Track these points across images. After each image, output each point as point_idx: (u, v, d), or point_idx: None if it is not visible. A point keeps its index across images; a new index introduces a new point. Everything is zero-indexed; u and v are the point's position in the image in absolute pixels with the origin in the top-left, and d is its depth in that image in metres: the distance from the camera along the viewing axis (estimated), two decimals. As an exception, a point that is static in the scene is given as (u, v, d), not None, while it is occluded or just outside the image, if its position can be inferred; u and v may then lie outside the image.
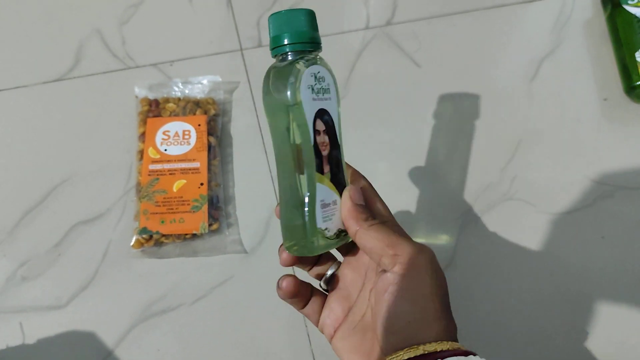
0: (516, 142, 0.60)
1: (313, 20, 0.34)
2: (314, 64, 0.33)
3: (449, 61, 0.64)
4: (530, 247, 0.55)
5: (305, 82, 0.32)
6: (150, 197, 0.53)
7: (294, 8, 0.39)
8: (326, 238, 0.34)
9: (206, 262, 0.53)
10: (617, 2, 0.63)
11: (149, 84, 0.59)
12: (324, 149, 0.34)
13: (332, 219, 0.34)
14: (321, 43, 0.34)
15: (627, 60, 0.61)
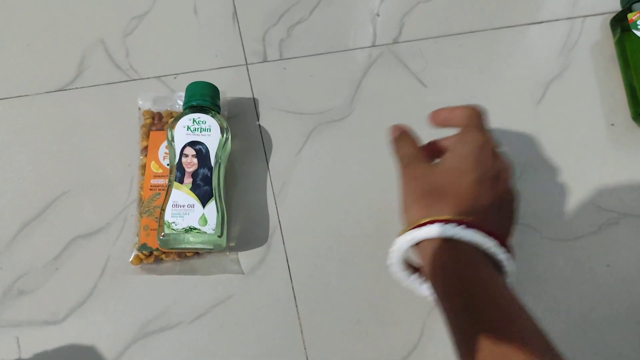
0: (522, 165, 0.59)
1: (207, 90, 0.55)
2: (196, 112, 0.53)
3: (455, 82, 0.64)
4: (535, 272, 0.54)
5: (181, 123, 0.52)
6: (151, 213, 0.52)
7: (202, 81, 0.56)
8: (173, 229, 0.48)
9: (205, 280, 0.52)
10: (627, 26, 0.63)
11: (153, 97, 0.58)
12: (189, 167, 0.51)
13: (183, 217, 0.49)
14: (210, 105, 0.54)
15: (635, 85, 0.60)
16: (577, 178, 0.59)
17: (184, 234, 0.49)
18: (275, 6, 0.67)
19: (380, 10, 0.68)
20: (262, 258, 0.54)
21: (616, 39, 0.65)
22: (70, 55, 0.63)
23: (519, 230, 0.56)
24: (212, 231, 0.49)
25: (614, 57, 0.65)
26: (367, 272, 0.54)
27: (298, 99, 0.62)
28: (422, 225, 0.39)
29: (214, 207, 0.50)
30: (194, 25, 0.65)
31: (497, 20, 0.68)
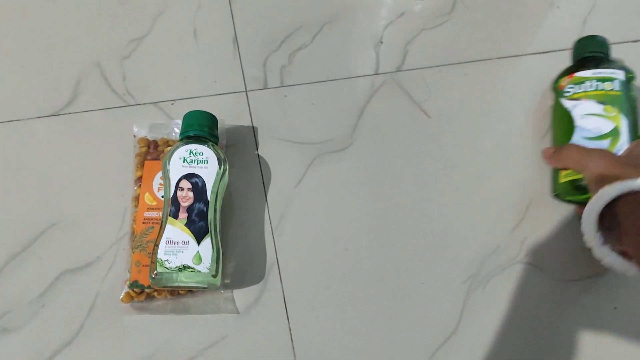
0: (527, 202, 0.57)
1: (205, 120, 0.53)
2: (193, 143, 0.51)
3: (459, 112, 0.62)
4: (540, 315, 0.52)
5: (177, 155, 0.50)
6: (143, 248, 0.50)
7: (200, 110, 0.54)
8: (166, 268, 0.46)
9: (198, 320, 0.50)
10: (557, 92, 0.59)
11: (149, 124, 0.57)
12: (185, 201, 0.48)
13: (177, 255, 0.46)
14: (207, 135, 0.52)
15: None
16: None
17: (177, 273, 0.47)
18: (277, 31, 0.65)
19: (383, 37, 0.67)
20: (258, 296, 0.52)
21: (553, 103, 0.60)
22: (65, 78, 0.61)
23: (524, 270, 0.54)
24: (207, 270, 0.47)
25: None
26: (369, 313, 0.52)
27: (298, 128, 0.60)
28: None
29: (209, 244, 0.48)
30: (193, 50, 0.64)
31: (503, 49, 0.67)
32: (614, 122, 0.52)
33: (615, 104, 0.53)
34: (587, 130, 0.53)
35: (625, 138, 0.52)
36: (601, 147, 0.51)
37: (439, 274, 0.54)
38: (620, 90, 0.54)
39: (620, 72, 0.55)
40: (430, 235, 0.55)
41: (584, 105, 0.54)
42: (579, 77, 0.55)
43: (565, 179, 0.53)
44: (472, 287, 0.53)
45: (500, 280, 0.54)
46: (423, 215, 0.56)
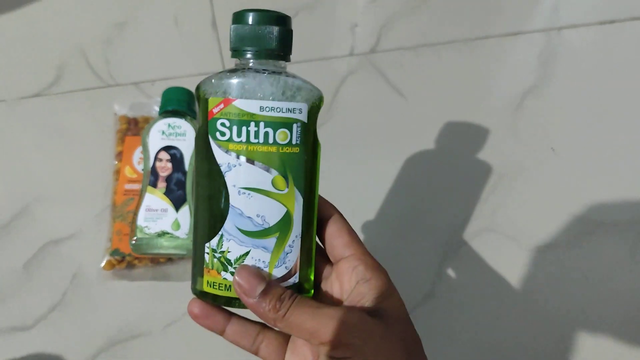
0: (499, 174, 0.59)
1: (183, 96, 0.55)
2: (172, 117, 0.53)
3: (433, 92, 0.64)
4: (511, 281, 0.54)
5: (156, 128, 0.52)
6: (124, 217, 0.51)
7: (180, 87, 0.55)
8: (145, 234, 0.48)
9: (178, 287, 0.52)
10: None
11: (130, 103, 0.58)
12: (164, 171, 0.50)
13: (156, 221, 0.49)
14: (185, 110, 0.54)
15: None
16: (553, 187, 0.59)
17: (156, 239, 0.48)
18: (255, 15, 0.67)
19: (358, 21, 0.69)
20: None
21: (195, 138, 0.35)
22: (48, 61, 0.63)
23: (496, 238, 0.56)
24: (185, 235, 0.49)
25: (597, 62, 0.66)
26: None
27: (276, 107, 0.62)
28: None
29: (188, 211, 0.50)
30: (173, 33, 0.66)
31: (476, 31, 0.69)
32: (286, 205, 0.32)
33: (291, 171, 0.32)
34: (247, 218, 0.31)
35: (297, 230, 0.32)
36: (265, 248, 0.31)
37: (415, 241, 0.55)
38: (298, 145, 0.32)
39: (302, 105, 0.31)
40: (405, 206, 0.57)
41: (243, 170, 0.31)
42: (241, 109, 0.30)
43: (211, 290, 0.32)
44: (446, 254, 0.55)
45: (472, 247, 0.55)
46: (398, 190, 0.58)
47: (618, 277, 0.55)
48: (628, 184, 0.59)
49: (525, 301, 0.53)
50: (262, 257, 0.32)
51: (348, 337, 0.28)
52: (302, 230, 0.33)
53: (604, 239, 0.56)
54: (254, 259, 0.31)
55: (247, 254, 0.32)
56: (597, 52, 0.68)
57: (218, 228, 0.32)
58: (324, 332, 0.28)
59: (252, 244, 0.32)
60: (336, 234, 0.33)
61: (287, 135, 0.31)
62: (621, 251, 0.56)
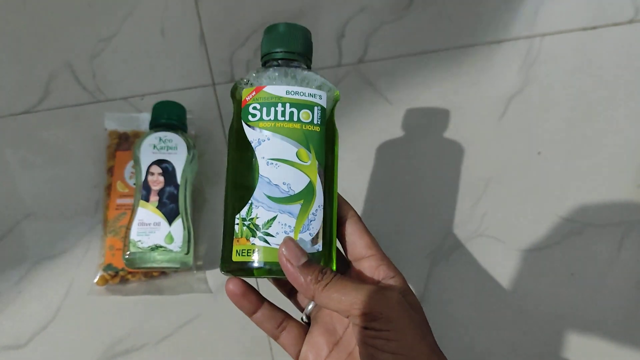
0: (486, 179, 0.60)
1: (174, 109, 0.55)
2: (163, 131, 0.53)
3: (421, 99, 0.65)
4: (501, 284, 0.55)
5: (147, 142, 0.52)
6: (116, 232, 0.52)
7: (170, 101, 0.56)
8: (139, 248, 0.47)
9: (172, 301, 0.52)
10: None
11: (119, 117, 0.58)
12: (155, 185, 0.50)
13: (149, 235, 0.48)
14: (176, 123, 0.55)
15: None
16: (540, 190, 0.60)
17: (149, 253, 0.48)
18: (242, 28, 0.68)
19: (345, 31, 0.70)
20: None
21: (231, 126, 0.39)
22: (36, 77, 0.63)
23: (485, 242, 0.57)
24: (179, 249, 0.49)
25: (577, 69, 0.67)
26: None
27: (265, 118, 0.62)
28: None
29: (181, 224, 0.50)
30: (161, 47, 0.66)
31: (459, 40, 0.70)
32: (309, 175, 0.36)
33: (313, 146, 0.36)
34: (274, 186, 0.35)
35: (320, 201, 0.36)
36: (290, 213, 0.35)
37: (405, 247, 0.56)
38: (319, 125, 0.37)
39: (322, 93, 0.38)
40: (395, 213, 0.58)
41: (271, 143, 0.36)
42: (270, 93, 0.36)
43: (240, 258, 0.35)
44: (436, 260, 0.56)
45: (462, 252, 0.56)
46: (387, 196, 0.59)
47: (606, 276, 0.56)
48: (613, 185, 0.61)
49: (516, 303, 0.54)
50: (288, 222, 0.35)
51: (387, 310, 0.30)
52: (324, 202, 0.36)
53: (592, 239, 0.58)
54: (280, 223, 0.35)
55: (274, 219, 0.35)
56: (580, 58, 0.69)
57: (248, 198, 0.35)
58: (364, 304, 0.30)
59: (279, 209, 0.35)
60: (357, 233, 0.37)
61: (309, 115, 0.37)
62: (608, 251, 0.57)
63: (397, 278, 0.35)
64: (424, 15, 0.72)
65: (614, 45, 0.70)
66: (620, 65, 0.69)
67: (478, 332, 0.52)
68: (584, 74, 0.68)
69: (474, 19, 0.73)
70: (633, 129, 0.64)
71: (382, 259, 0.36)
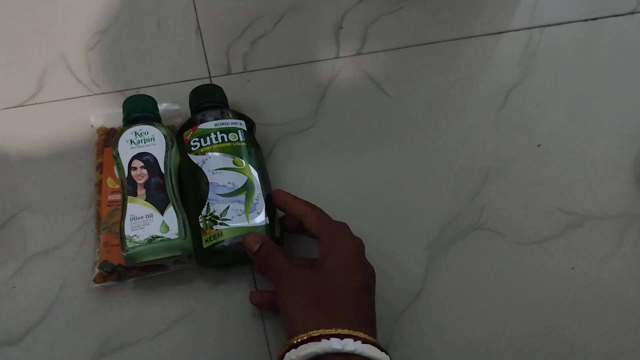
0: (485, 171, 0.60)
1: (144, 102, 0.55)
2: (137, 125, 0.52)
3: (419, 91, 0.65)
4: (500, 277, 0.54)
5: (123, 138, 0.52)
6: (110, 229, 0.51)
7: (142, 94, 0.56)
8: (135, 242, 0.47)
9: (167, 295, 0.51)
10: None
11: (105, 113, 0.57)
12: (140, 178, 0.50)
13: (144, 228, 0.48)
14: (149, 115, 0.54)
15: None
16: (540, 182, 0.59)
17: (147, 245, 0.47)
18: (239, 20, 0.67)
19: (343, 23, 0.69)
20: (227, 271, 0.53)
21: (180, 160, 0.54)
22: (30, 71, 0.62)
23: (484, 235, 0.56)
24: (176, 235, 0.48)
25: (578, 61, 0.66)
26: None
27: (262, 111, 0.62)
28: (316, 338, 0.38)
29: (173, 212, 0.49)
30: (157, 40, 0.65)
31: (458, 31, 0.69)
32: (246, 174, 0.51)
33: (243, 155, 0.51)
34: (222, 186, 0.50)
35: (259, 190, 0.50)
36: (239, 202, 0.49)
37: (402, 242, 0.55)
38: (244, 141, 0.52)
39: (241, 121, 0.54)
40: (392, 206, 0.57)
41: (213, 159, 0.51)
42: (202, 129, 0.52)
43: (208, 244, 0.48)
44: (435, 253, 0.55)
45: (461, 246, 0.55)
46: (385, 188, 0.58)
47: (605, 269, 0.55)
48: (614, 178, 0.60)
49: (515, 297, 0.53)
50: (238, 207, 0.49)
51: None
52: (262, 192, 0.50)
53: (592, 232, 0.57)
54: (233, 209, 0.49)
55: (227, 208, 0.49)
56: (580, 49, 0.69)
57: (204, 200, 0.49)
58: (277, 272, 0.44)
59: (230, 201, 0.49)
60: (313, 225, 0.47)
61: (235, 136, 0.52)
62: (608, 243, 0.56)
63: (320, 246, 0.46)
64: (424, 6, 0.71)
65: (615, 36, 0.69)
66: (621, 57, 0.68)
67: (477, 327, 0.52)
68: (584, 65, 0.67)
69: (474, 10, 0.72)
70: (634, 122, 0.64)
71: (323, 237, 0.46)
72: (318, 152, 0.60)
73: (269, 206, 0.50)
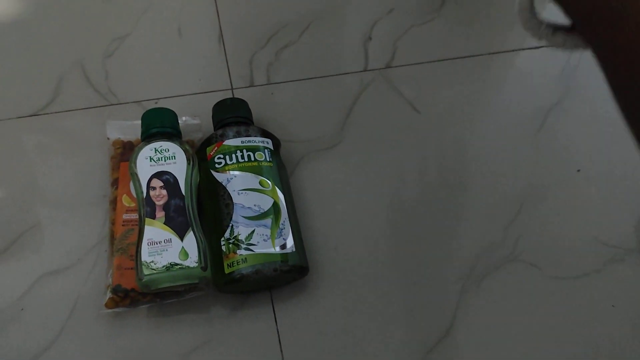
0: (521, 198, 0.56)
1: (166, 116, 0.52)
2: (157, 141, 0.49)
3: (450, 108, 0.61)
4: (536, 314, 0.51)
5: (142, 155, 0.48)
6: (124, 251, 0.48)
7: (161, 107, 0.53)
8: (152, 269, 0.44)
9: (184, 322, 0.48)
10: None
11: (122, 125, 0.55)
12: (159, 199, 0.47)
13: (162, 254, 0.44)
14: (170, 131, 0.51)
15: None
16: (580, 211, 0.56)
17: (165, 273, 0.45)
18: (264, 28, 0.64)
19: (372, 33, 0.66)
20: (245, 297, 0.50)
21: (202, 176, 0.51)
22: (46, 77, 0.60)
23: (520, 268, 0.53)
24: (195, 264, 0.45)
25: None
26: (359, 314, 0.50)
27: (286, 126, 0.59)
28: None
29: (193, 237, 0.46)
30: (177, 48, 0.63)
31: (493, 45, 0.66)
32: (272, 197, 0.48)
33: (270, 176, 0.49)
34: (247, 208, 0.47)
35: (285, 215, 0.48)
36: (265, 226, 0.46)
37: (431, 272, 0.52)
38: (271, 161, 0.50)
39: (268, 140, 0.51)
40: (422, 233, 0.54)
41: (238, 178, 0.48)
42: (228, 146, 0.49)
43: (231, 269, 0.45)
44: (466, 286, 0.52)
45: (494, 278, 0.52)
46: (414, 213, 0.55)
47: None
48: (660, 209, 0.56)
49: (551, 335, 0.50)
50: (264, 232, 0.46)
51: None
52: (289, 216, 0.48)
53: (635, 267, 0.53)
54: (258, 234, 0.46)
55: (253, 232, 0.46)
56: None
57: (227, 222, 0.46)
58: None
59: (255, 224, 0.46)
60: None
61: (262, 155, 0.50)
62: (654, 282, 0.53)
63: None
64: (457, 18, 0.68)
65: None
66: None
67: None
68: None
69: (510, 21, 0.69)
70: (682, 148, 0.60)
71: None
72: (343, 172, 0.57)
73: (295, 231, 0.48)
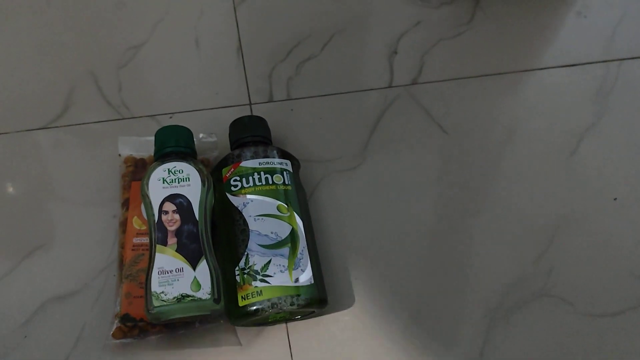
0: (553, 228, 0.53)
1: (181, 135, 0.49)
2: (170, 161, 0.46)
3: (479, 128, 0.58)
4: (568, 353, 0.48)
5: (155, 176, 0.45)
6: (134, 278, 0.46)
7: (176, 125, 0.50)
8: (163, 301, 0.41)
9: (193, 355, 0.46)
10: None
11: (134, 141, 0.52)
12: (171, 225, 0.44)
13: (173, 284, 0.42)
14: (185, 150, 0.48)
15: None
16: (616, 243, 0.52)
17: (176, 305, 0.42)
18: (284, 40, 0.61)
19: (398, 47, 0.62)
20: (260, 329, 0.47)
21: (217, 198, 0.48)
22: (56, 88, 0.57)
23: (551, 303, 0.49)
24: (208, 296, 0.42)
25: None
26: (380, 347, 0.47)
27: (306, 144, 0.56)
28: None
29: (206, 266, 0.43)
30: (194, 59, 0.60)
31: (525, 62, 0.62)
32: (291, 223, 0.45)
33: (288, 200, 0.46)
34: (264, 236, 0.44)
35: (303, 243, 0.44)
36: (282, 256, 0.43)
37: (457, 306, 0.49)
38: (289, 184, 0.47)
39: (287, 161, 0.48)
40: (448, 264, 0.51)
41: (255, 203, 0.45)
42: (245, 167, 0.46)
43: (245, 302, 0.42)
44: (494, 321, 0.49)
45: (524, 314, 0.49)
46: (439, 241, 0.52)
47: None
48: (703, 244, 0.53)
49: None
50: (281, 262, 0.43)
51: None
52: (307, 244, 0.45)
53: (675, 306, 0.50)
54: (275, 265, 0.43)
55: (269, 262, 0.43)
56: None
57: (242, 250, 0.43)
58: None
59: (272, 254, 0.43)
60: None
61: (280, 178, 0.47)
62: (699, 325, 0.49)
63: None
64: (487, 32, 0.64)
65: None
66: None
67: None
68: (669, 108, 0.60)
69: (543, 38, 0.65)
70: None
71: None
72: (365, 195, 0.54)
73: (314, 260, 0.45)
